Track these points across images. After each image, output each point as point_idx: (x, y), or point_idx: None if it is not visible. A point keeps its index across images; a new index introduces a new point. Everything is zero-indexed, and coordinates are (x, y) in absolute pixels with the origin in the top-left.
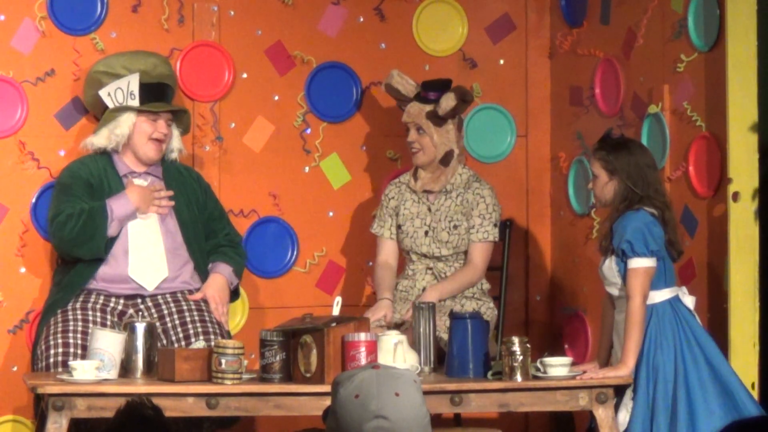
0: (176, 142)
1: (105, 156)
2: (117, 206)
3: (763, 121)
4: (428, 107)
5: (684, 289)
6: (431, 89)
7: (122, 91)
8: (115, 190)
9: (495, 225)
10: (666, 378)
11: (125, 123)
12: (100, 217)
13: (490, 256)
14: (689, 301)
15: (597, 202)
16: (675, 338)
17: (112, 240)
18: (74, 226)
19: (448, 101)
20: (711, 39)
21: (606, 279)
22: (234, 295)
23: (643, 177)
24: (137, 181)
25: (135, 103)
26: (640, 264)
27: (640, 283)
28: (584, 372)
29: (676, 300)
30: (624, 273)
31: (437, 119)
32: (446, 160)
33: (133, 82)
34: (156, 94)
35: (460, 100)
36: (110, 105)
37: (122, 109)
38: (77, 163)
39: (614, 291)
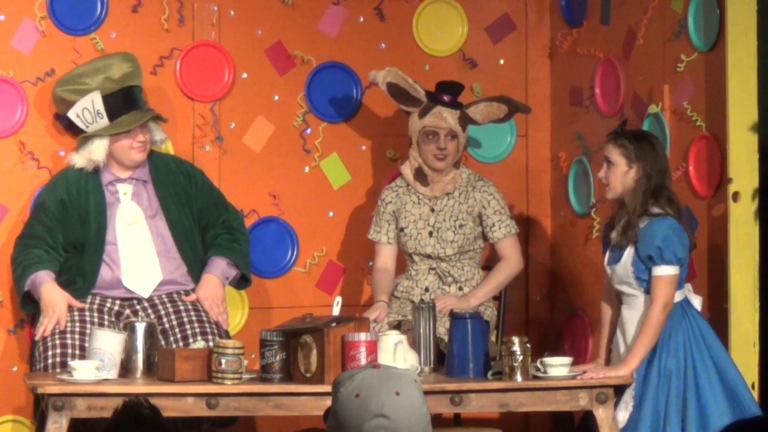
0: (156, 134)
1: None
2: (34, 288)
3: (763, 121)
4: (458, 112)
5: (689, 286)
6: (445, 91)
7: (89, 111)
8: (93, 201)
9: (511, 217)
10: (678, 380)
11: (98, 150)
12: (21, 283)
13: (521, 246)
14: (696, 301)
15: (608, 192)
16: (685, 341)
17: (100, 248)
18: (14, 270)
19: (496, 112)
20: (711, 39)
21: (616, 275)
22: (244, 281)
23: (662, 173)
24: (122, 188)
25: (104, 122)
26: (667, 272)
27: (666, 291)
28: (584, 372)
29: (686, 302)
30: (639, 274)
31: (465, 124)
32: (458, 162)
33: (96, 101)
34: (124, 104)
35: (513, 111)
36: (82, 126)
37: (93, 136)
38: (59, 175)
39: (624, 288)
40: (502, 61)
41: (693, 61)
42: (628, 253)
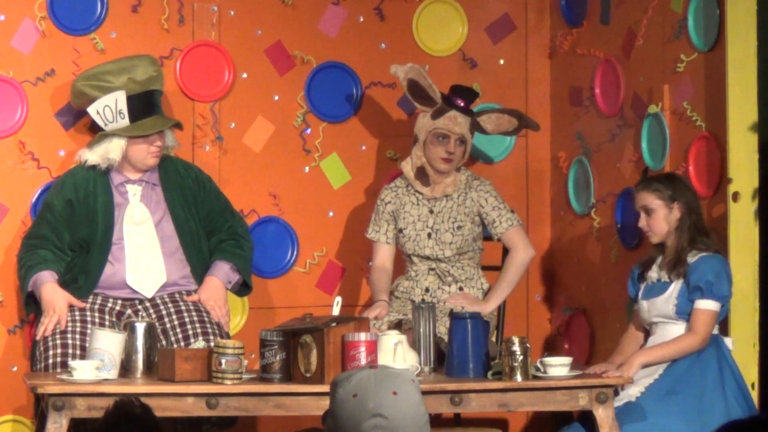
0: (170, 140)
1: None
2: (36, 288)
3: (763, 121)
4: (469, 118)
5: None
6: (461, 96)
7: (110, 109)
8: (102, 200)
9: (511, 210)
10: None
11: (116, 149)
12: (24, 283)
13: (528, 235)
14: (728, 341)
15: (653, 237)
16: (720, 367)
17: (106, 248)
18: (18, 270)
19: (507, 125)
20: (711, 39)
21: (655, 309)
22: (245, 289)
23: (698, 205)
24: (131, 188)
25: (125, 122)
26: (713, 307)
27: (707, 325)
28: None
29: (719, 338)
30: (683, 308)
31: (474, 131)
32: (460, 165)
33: (120, 100)
34: (145, 107)
35: (522, 126)
36: (100, 123)
37: (112, 135)
38: (68, 175)
39: (660, 320)
40: (502, 61)
41: (693, 61)
42: (675, 287)
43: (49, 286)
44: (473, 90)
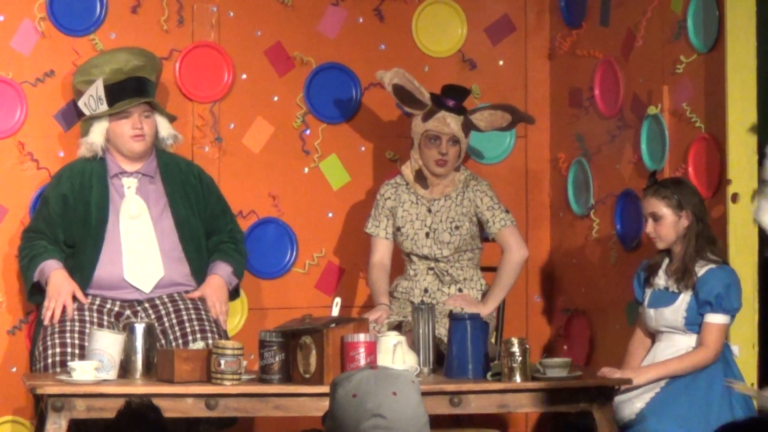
0: (164, 130)
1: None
2: (42, 276)
3: (763, 122)
4: (461, 118)
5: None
6: (450, 96)
7: (93, 98)
8: (96, 193)
9: (506, 211)
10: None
11: (96, 132)
12: (28, 272)
13: (522, 235)
14: (735, 348)
15: (659, 243)
16: (729, 389)
17: (99, 242)
18: (20, 262)
19: (500, 120)
20: (710, 40)
21: (663, 318)
22: (234, 294)
23: (705, 212)
24: (126, 181)
25: (104, 107)
26: (723, 321)
27: (719, 339)
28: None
29: (726, 347)
30: (692, 319)
31: (468, 130)
32: (459, 165)
33: (99, 88)
34: (128, 91)
35: (516, 121)
36: (87, 113)
37: (93, 118)
38: (65, 169)
39: (667, 329)
40: (501, 62)
41: (692, 62)
42: (683, 299)
43: (58, 273)
44: (463, 88)
